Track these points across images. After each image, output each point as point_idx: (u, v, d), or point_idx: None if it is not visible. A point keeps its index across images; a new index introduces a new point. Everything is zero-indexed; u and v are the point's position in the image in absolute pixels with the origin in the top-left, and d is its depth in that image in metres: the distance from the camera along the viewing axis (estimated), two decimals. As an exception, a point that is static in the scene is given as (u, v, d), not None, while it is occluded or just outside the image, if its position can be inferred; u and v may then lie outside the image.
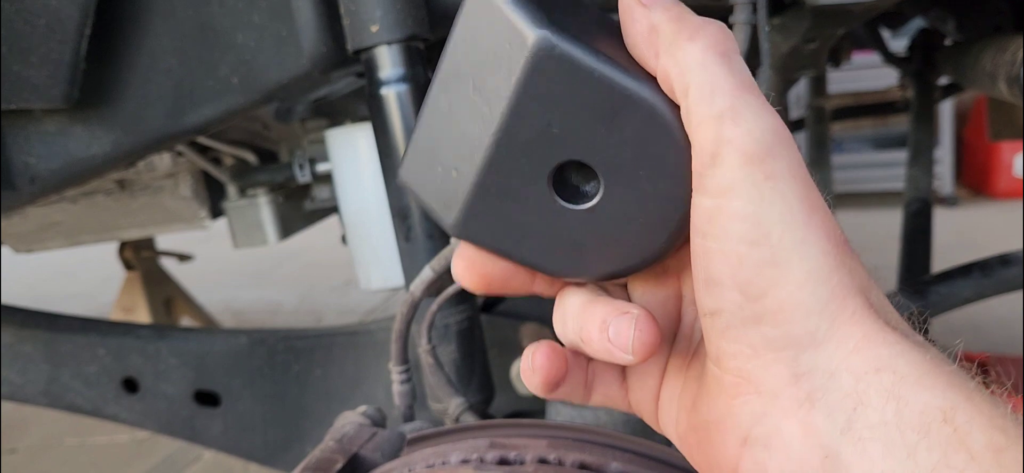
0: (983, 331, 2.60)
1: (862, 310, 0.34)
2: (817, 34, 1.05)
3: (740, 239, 0.34)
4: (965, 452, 0.29)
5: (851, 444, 0.32)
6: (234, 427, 1.28)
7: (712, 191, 0.34)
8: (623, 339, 0.38)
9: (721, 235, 0.34)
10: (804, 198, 0.34)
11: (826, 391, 0.33)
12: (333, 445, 0.66)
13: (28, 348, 1.33)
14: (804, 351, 0.34)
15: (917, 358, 0.32)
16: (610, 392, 0.45)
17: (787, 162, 0.34)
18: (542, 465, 0.57)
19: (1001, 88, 1.09)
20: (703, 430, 0.39)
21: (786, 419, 0.34)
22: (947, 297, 0.95)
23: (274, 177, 1.58)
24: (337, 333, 1.24)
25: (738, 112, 0.34)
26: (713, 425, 0.38)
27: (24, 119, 0.94)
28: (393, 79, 0.80)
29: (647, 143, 0.36)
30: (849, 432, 0.32)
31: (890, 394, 0.31)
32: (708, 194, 0.34)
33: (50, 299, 4.13)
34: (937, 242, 1.61)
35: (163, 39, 0.89)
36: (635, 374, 0.44)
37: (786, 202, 0.33)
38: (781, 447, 0.34)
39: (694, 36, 0.35)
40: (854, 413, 0.32)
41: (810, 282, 0.33)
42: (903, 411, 0.31)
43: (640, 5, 0.37)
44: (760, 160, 0.33)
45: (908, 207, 1.62)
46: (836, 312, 0.34)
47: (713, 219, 0.34)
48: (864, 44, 2.07)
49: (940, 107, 4.74)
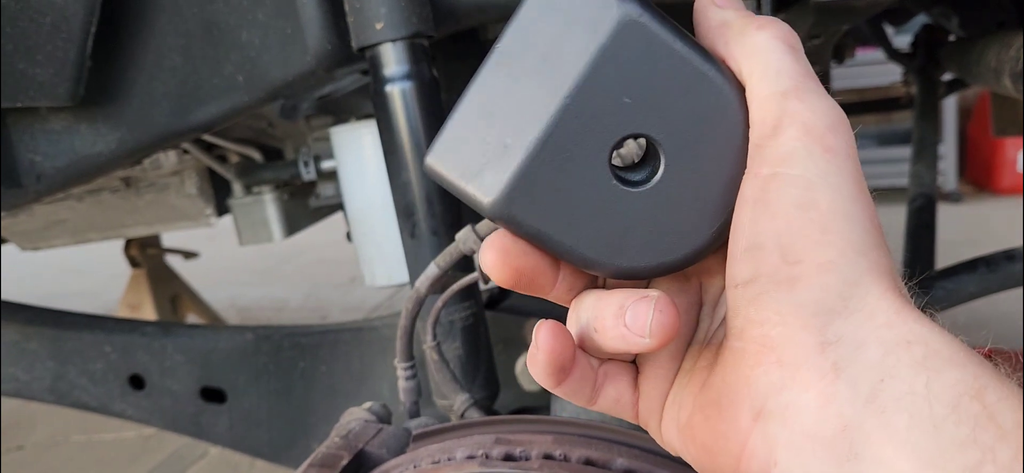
0: (988, 326, 2.60)
1: (894, 290, 0.35)
2: (821, 30, 1.05)
3: (792, 203, 0.35)
4: (995, 429, 0.29)
5: (874, 415, 0.32)
6: (240, 423, 1.28)
7: (770, 160, 0.36)
8: (641, 322, 0.37)
9: (773, 200, 0.35)
10: (855, 178, 0.36)
11: (852, 362, 0.33)
12: (339, 441, 0.67)
13: (34, 345, 1.34)
14: (835, 319, 0.34)
15: (948, 338, 0.33)
16: (620, 394, 0.43)
17: (845, 142, 0.36)
18: (548, 461, 0.57)
19: (1005, 84, 1.09)
20: (713, 406, 0.38)
21: (806, 391, 0.34)
22: (953, 293, 0.95)
23: (279, 174, 1.59)
24: (342, 330, 1.24)
25: (802, 91, 0.36)
26: (725, 398, 0.38)
27: (30, 117, 0.95)
28: (398, 76, 0.80)
29: (714, 122, 0.37)
30: (873, 403, 0.32)
31: (921, 366, 0.32)
32: (766, 163, 0.36)
33: (57, 297, 4.14)
34: (941, 238, 1.61)
35: (168, 37, 0.90)
36: (647, 376, 0.43)
37: (842, 176, 0.35)
38: (796, 418, 0.34)
39: (763, 27, 0.38)
40: (880, 385, 0.32)
41: (851, 252, 0.34)
42: (933, 384, 0.31)
43: (714, 4, 0.40)
44: (821, 135, 0.35)
45: (912, 203, 1.61)
46: (870, 285, 0.34)
47: (767, 186, 0.36)
48: (868, 41, 2.07)
49: (943, 103, 4.74)
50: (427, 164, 0.38)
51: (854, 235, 0.35)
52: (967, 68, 1.35)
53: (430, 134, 0.81)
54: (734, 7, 0.40)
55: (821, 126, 0.36)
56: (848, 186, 0.35)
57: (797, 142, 0.35)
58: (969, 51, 1.32)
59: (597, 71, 0.36)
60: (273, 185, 1.62)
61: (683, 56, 0.36)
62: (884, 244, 0.36)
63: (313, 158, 1.51)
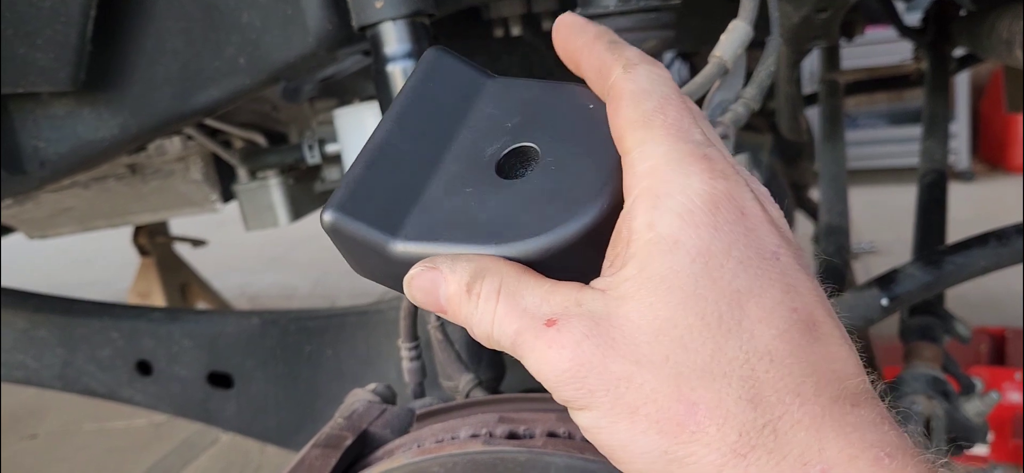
0: (1000, 305, 2.58)
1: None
2: (828, 3, 1.04)
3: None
4: None
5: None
6: (247, 408, 1.28)
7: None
8: None
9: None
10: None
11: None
12: (343, 422, 0.66)
13: (43, 333, 1.34)
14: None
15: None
16: None
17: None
18: (552, 439, 0.57)
19: (1017, 55, 1.07)
20: None
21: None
22: (963, 267, 0.94)
23: (284, 159, 1.58)
24: (348, 313, 1.24)
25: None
26: None
27: (32, 103, 0.94)
28: (399, 55, 0.79)
29: (577, 121, 0.43)
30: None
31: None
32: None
33: (67, 287, 4.16)
34: (953, 217, 1.59)
35: (169, 20, 0.89)
36: None
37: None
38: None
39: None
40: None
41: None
42: None
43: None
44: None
45: (923, 179, 1.60)
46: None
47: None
48: (878, 18, 2.04)
49: (956, 81, 4.70)
50: (329, 222, 0.42)
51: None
52: (978, 41, 1.34)
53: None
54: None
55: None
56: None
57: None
58: (980, 24, 1.30)
59: (467, 120, 0.45)
60: (278, 169, 1.62)
61: (538, 83, 0.45)
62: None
63: (317, 141, 1.50)
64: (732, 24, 0.67)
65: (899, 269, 0.98)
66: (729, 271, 0.34)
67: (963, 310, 0.75)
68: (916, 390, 1.03)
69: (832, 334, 0.35)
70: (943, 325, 1.17)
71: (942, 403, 1.01)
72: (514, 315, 0.37)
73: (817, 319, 0.35)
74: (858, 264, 3.33)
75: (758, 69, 0.69)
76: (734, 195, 0.36)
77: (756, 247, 0.35)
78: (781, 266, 0.35)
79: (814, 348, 0.34)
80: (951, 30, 1.78)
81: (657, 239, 0.34)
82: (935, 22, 1.87)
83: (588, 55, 0.42)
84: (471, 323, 0.39)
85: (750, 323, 0.33)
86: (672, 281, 0.34)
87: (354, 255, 0.43)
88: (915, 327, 1.17)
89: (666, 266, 0.34)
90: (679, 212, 0.35)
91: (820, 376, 0.33)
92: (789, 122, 1.70)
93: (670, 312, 0.33)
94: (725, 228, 0.35)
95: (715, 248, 0.34)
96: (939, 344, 1.14)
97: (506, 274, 0.38)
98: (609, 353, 0.34)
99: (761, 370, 0.33)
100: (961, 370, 1.12)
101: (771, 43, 0.71)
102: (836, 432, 0.32)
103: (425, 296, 0.40)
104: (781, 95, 1.63)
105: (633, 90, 0.39)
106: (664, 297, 0.34)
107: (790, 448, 0.32)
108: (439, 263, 0.39)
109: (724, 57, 0.66)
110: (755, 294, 0.34)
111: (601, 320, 0.35)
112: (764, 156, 1.75)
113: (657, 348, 0.33)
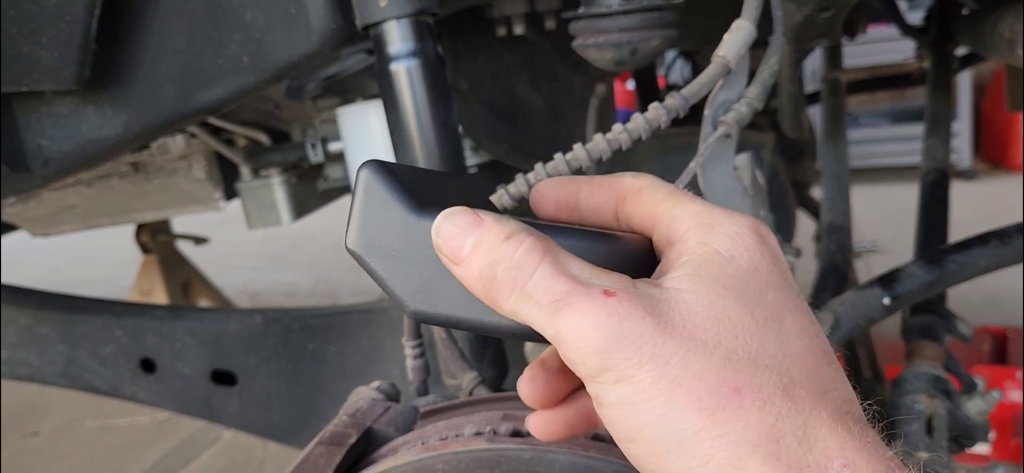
0: (1001, 305, 2.58)
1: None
2: (831, 2, 1.04)
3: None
4: None
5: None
6: (250, 406, 1.29)
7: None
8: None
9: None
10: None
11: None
12: (347, 419, 0.67)
13: (46, 330, 1.35)
14: None
15: None
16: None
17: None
18: (555, 436, 0.57)
19: (1019, 54, 1.07)
20: None
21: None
22: (965, 266, 0.94)
23: (287, 157, 1.58)
24: (351, 311, 1.24)
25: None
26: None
27: (36, 101, 0.94)
28: (403, 54, 0.79)
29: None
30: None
31: None
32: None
33: (70, 284, 4.16)
34: (956, 216, 1.59)
35: (172, 19, 0.89)
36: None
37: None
38: None
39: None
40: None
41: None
42: None
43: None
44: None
45: (925, 177, 1.60)
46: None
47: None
48: (880, 16, 2.04)
49: (959, 80, 4.69)
50: (361, 173, 0.42)
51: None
52: (980, 40, 1.34)
53: (436, 113, 0.80)
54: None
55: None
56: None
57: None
58: (982, 23, 1.30)
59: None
60: (281, 168, 1.62)
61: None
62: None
63: (320, 140, 1.51)
64: (735, 23, 0.67)
65: (901, 268, 0.98)
66: (772, 289, 0.39)
67: (965, 309, 0.75)
68: (918, 389, 1.03)
69: (839, 368, 0.39)
70: (945, 324, 1.17)
71: (944, 402, 1.01)
72: (564, 277, 0.37)
73: (830, 352, 0.39)
74: (860, 263, 3.32)
75: (761, 68, 0.69)
76: (771, 239, 0.41)
77: (788, 281, 0.40)
78: (804, 304, 0.40)
79: (831, 371, 0.38)
80: (953, 29, 1.78)
81: (713, 253, 0.38)
82: (937, 21, 1.87)
83: (587, 185, 0.45)
84: (498, 270, 0.38)
85: (787, 332, 0.37)
86: (727, 282, 0.37)
87: (372, 226, 0.42)
88: (917, 326, 1.18)
89: (722, 271, 0.38)
90: (731, 235, 0.39)
91: (837, 394, 0.37)
92: (791, 121, 1.70)
93: (725, 304, 0.37)
94: (768, 258, 0.39)
95: (762, 268, 0.39)
96: (941, 343, 1.15)
97: (551, 242, 0.39)
98: (667, 328, 0.36)
99: (796, 371, 0.36)
100: (963, 369, 1.12)
101: (774, 42, 0.71)
102: (854, 438, 0.35)
103: (452, 237, 0.39)
104: (783, 94, 1.63)
105: (649, 182, 0.43)
106: (720, 292, 0.37)
107: (817, 441, 0.35)
108: (481, 213, 0.40)
109: (727, 56, 0.66)
110: (791, 313, 0.38)
111: (660, 302, 0.37)
112: (766, 155, 1.75)
113: (711, 332, 0.36)
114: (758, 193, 0.85)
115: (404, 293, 0.41)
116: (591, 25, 0.81)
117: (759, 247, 0.39)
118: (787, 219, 1.89)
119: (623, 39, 0.80)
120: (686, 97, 0.64)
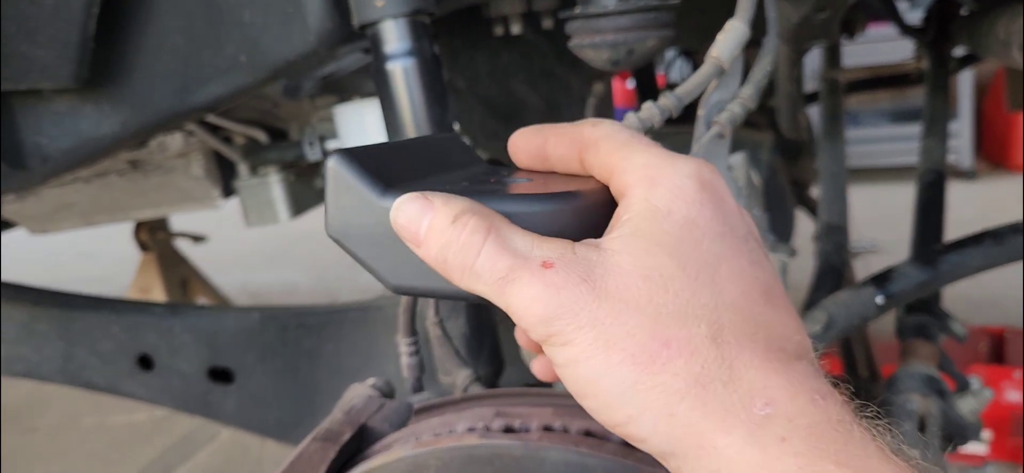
0: (1000, 304, 2.58)
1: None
2: (828, 3, 1.04)
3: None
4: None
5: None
6: (247, 403, 1.29)
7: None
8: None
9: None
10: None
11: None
12: (341, 416, 0.67)
13: (43, 326, 1.35)
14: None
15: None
16: None
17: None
18: (547, 432, 0.57)
19: (1015, 56, 1.07)
20: None
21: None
22: (959, 266, 0.94)
23: (284, 155, 1.59)
24: (348, 309, 1.24)
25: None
26: None
27: (34, 99, 0.95)
28: (399, 53, 0.79)
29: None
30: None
31: None
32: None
33: (69, 282, 4.16)
34: (955, 216, 1.60)
35: (170, 18, 0.89)
36: None
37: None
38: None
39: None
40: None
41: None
42: None
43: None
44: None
45: (922, 178, 1.60)
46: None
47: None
48: (879, 16, 2.04)
49: (960, 80, 4.68)
50: (329, 163, 0.44)
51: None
52: (977, 41, 1.34)
53: (432, 111, 0.80)
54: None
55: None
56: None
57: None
58: (979, 23, 1.30)
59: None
60: (279, 166, 1.63)
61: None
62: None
63: (318, 138, 1.51)
64: (728, 24, 0.67)
65: (895, 267, 0.99)
66: (708, 238, 0.40)
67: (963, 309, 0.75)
68: (911, 388, 1.03)
69: (783, 303, 0.42)
70: (939, 324, 1.18)
71: (937, 401, 1.01)
72: (506, 254, 0.39)
73: (773, 290, 0.42)
74: (859, 262, 3.32)
75: (755, 69, 0.70)
76: (717, 185, 0.42)
77: (731, 226, 0.42)
78: (749, 246, 0.42)
79: (768, 310, 0.40)
80: (951, 29, 1.78)
81: (652, 209, 0.40)
82: (936, 21, 1.88)
83: (553, 136, 0.47)
84: (448, 254, 0.40)
85: (721, 280, 0.40)
86: (662, 239, 0.39)
87: (344, 213, 0.44)
88: (911, 325, 1.18)
89: (658, 228, 0.40)
90: (671, 189, 0.41)
91: (771, 332, 0.39)
92: (789, 120, 1.70)
93: (657, 262, 0.39)
94: (708, 206, 0.41)
95: (700, 220, 0.40)
96: (935, 342, 1.15)
97: (495, 218, 0.41)
98: (601, 293, 0.38)
99: (725, 318, 0.38)
100: (957, 368, 1.12)
101: (767, 43, 0.72)
102: (779, 375, 0.37)
103: (408, 223, 0.41)
104: (781, 93, 1.63)
105: (605, 132, 0.45)
106: (654, 250, 0.39)
107: (742, 382, 0.37)
108: (431, 196, 0.42)
109: (721, 57, 0.66)
110: (727, 259, 0.40)
111: (595, 266, 0.39)
112: (764, 154, 1.75)
113: (643, 290, 0.38)
114: (753, 193, 0.85)
115: (384, 271, 0.44)
116: (587, 25, 0.81)
117: (698, 197, 0.41)
118: (786, 218, 1.89)
119: (619, 39, 0.81)
120: (680, 97, 0.64)
